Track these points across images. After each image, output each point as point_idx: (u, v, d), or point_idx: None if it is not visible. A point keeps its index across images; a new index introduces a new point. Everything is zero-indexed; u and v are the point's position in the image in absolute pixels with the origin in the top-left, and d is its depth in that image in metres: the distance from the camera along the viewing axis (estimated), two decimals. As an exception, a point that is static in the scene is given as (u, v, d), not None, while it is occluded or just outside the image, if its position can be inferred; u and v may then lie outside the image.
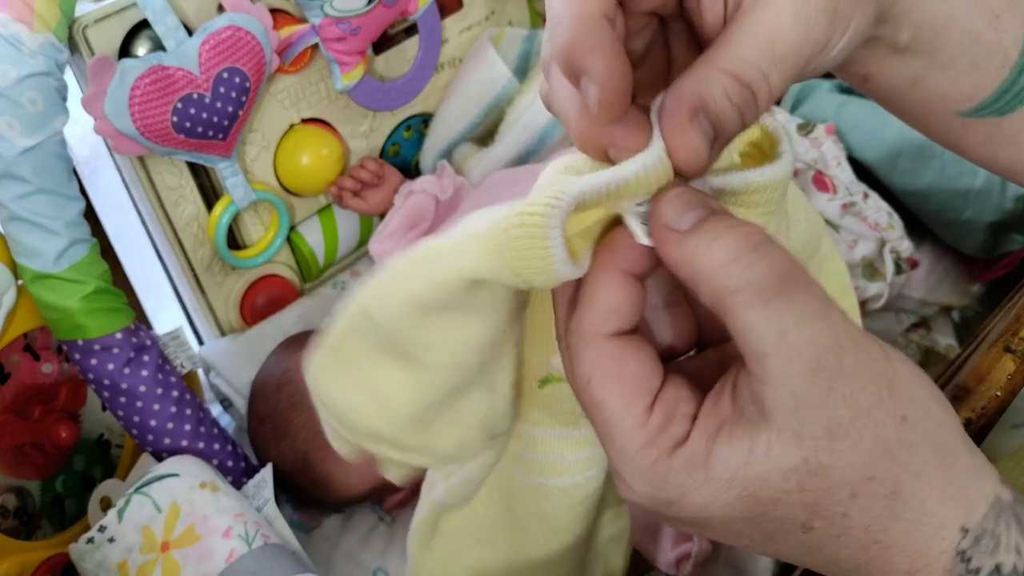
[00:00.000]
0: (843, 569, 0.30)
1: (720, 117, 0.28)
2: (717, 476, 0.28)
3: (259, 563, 0.62)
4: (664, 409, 0.29)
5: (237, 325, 0.88)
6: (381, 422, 0.34)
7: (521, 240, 0.27)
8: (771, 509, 0.28)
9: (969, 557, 0.28)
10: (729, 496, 0.28)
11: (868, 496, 0.28)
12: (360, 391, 0.34)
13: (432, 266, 0.30)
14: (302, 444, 0.75)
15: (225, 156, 0.75)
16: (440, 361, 0.32)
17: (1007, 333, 0.50)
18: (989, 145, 0.36)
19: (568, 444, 0.39)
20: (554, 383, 0.37)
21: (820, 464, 0.27)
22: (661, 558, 0.69)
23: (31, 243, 0.63)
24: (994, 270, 0.91)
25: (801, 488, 0.28)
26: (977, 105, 0.35)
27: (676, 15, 0.33)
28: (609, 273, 0.29)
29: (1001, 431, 0.48)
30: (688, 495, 0.28)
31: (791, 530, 0.29)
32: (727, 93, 0.28)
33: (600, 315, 0.29)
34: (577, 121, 0.29)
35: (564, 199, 0.27)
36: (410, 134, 0.93)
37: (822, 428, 0.27)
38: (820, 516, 0.28)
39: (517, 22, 0.98)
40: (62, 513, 0.75)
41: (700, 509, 0.29)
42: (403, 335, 0.32)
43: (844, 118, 0.93)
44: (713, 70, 0.28)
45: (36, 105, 0.62)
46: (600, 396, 0.29)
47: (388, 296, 0.31)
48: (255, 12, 0.70)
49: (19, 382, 0.71)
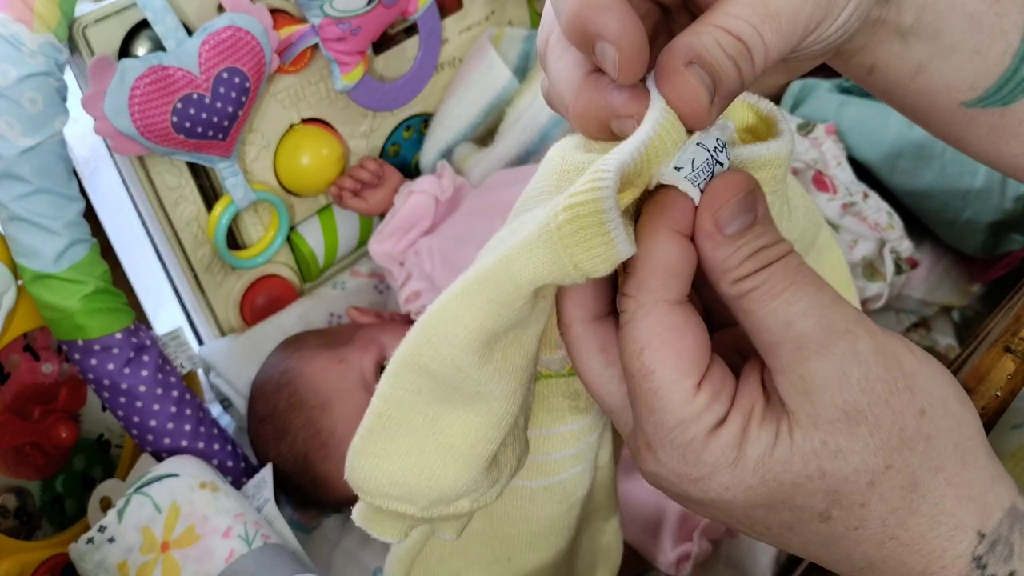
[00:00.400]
0: (855, 568, 0.30)
1: (716, 67, 0.28)
2: (746, 458, 0.28)
3: (259, 563, 0.62)
4: (711, 388, 0.29)
5: (237, 325, 0.88)
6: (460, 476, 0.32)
7: (578, 232, 0.27)
8: (791, 495, 0.29)
9: (985, 563, 0.28)
10: (753, 479, 0.28)
11: (886, 486, 0.28)
12: (423, 454, 0.32)
13: (489, 290, 0.28)
14: (302, 444, 0.75)
15: (225, 156, 0.75)
16: (508, 388, 0.31)
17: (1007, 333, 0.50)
18: (992, 138, 0.36)
19: (554, 441, 0.39)
20: (541, 380, 0.37)
21: (839, 447, 0.28)
22: (661, 558, 0.69)
23: (31, 243, 0.63)
24: (994, 270, 0.91)
25: (821, 472, 0.28)
26: (980, 95, 0.35)
27: (681, 8, 0.33)
28: (665, 235, 0.29)
29: (1001, 431, 0.48)
30: (717, 474, 0.29)
31: (810, 520, 0.29)
32: (719, 43, 0.28)
33: (661, 279, 0.29)
34: (576, 99, 0.29)
35: (608, 176, 0.26)
36: (410, 134, 0.93)
37: (838, 410, 0.27)
38: (839, 505, 0.28)
39: (517, 22, 0.98)
40: (62, 513, 0.75)
41: (724, 490, 0.29)
42: (469, 375, 0.30)
43: (844, 118, 0.93)
44: (704, 24, 0.28)
45: (36, 105, 0.62)
46: (652, 365, 0.29)
47: (444, 342, 0.29)
48: (255, 12, 0.70)
49: (19, 382, 0.71)
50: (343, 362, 0.76)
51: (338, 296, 0.93)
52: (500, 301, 0.28)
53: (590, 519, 0.47)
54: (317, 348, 0.79)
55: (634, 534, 0.71)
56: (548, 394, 0.37)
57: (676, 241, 0.29)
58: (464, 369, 0.30)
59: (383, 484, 0.32)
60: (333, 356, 0.77)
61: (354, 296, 0.94)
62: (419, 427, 0.31)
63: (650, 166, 0.28)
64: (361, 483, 0.33)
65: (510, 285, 0.28)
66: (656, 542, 0.69)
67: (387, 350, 0.76)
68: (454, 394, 0.31)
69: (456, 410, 0.31)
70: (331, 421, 0.73)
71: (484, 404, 0.31)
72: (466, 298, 0.29)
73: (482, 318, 0.29)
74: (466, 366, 0.30)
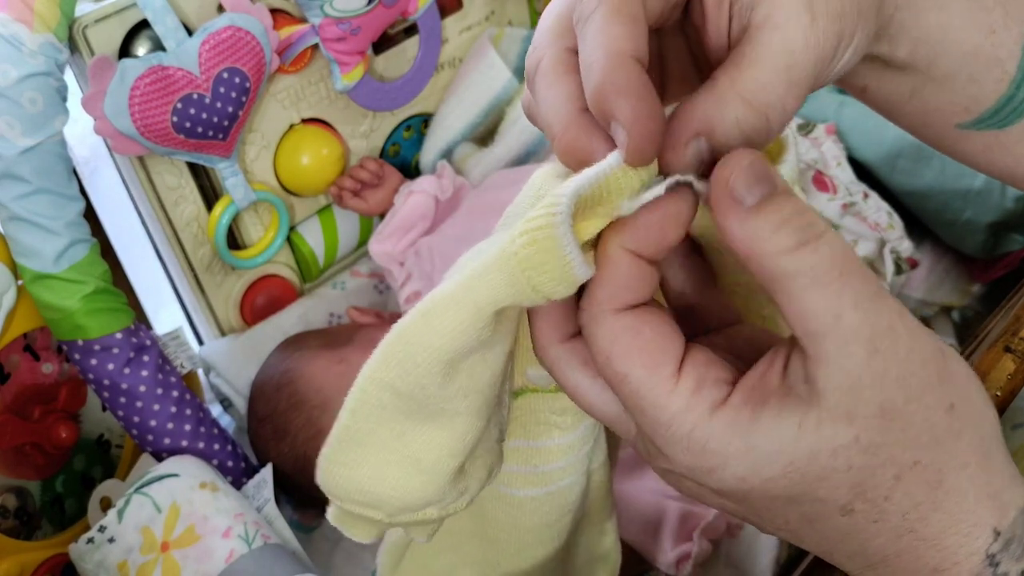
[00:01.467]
0: (869, 563, 0.30)
1: (723, 144, 0.28)
2: (760, 448, 0.28)
3: (259, 563, 0.62)
4: (694, 373, 0.29)
5: (237, 325, 0.88)
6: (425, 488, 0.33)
7: (535, 256, 0.27)
8: (815, 488, 0.28)
9: (998, 561, 0.28)
10: (772, 471, 0.28)
11: (912, 481, 0.28)
12: (389, 466, 0.32)
13: (451, 314, 0.29)
14: (302, 444, 0.75)
15: (225, 156, 0.75)
16: (473, 405, 0.32)
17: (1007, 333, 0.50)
18: (987, 154, 0.36)
19: (543, 455, 0.39)
20: (528, 394, 0.37)
21: (872, 443, 0.27)
22: (661, 558, 0.69)
23: (31, 243, 0.63)
24: (994, 270, 0.91)
25: (849, 466, 0.27)
26: (975, 118, 0.35)
27: (675, 31, 0.33)
28: (614, 251, 0.29)
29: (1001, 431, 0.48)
30: (729, 464, 0.28)
31: (831, 514, 0.29)
32: (738, 122, 0.28)
33: (607, 291, 0.29)
34: (564, 133, 0.29)
35: (563, 200, 0.27)
36: (410, 134, 0.93)
37: (876, 407, 0.27)
38: (863, 497, 0.28)
39: (517, 22, 0.98)
40: (62, 513, 0.75)
41: (741, 481, 0.28)
42: (432, 393, 0.30)
43: (844, 118, 0.93)
44: (729, 91, 0.28)
45: (36, 105, 0.62)
46: (622, 369, 0.29)
47: (409, 361, 0.30)
48: (255, 12, 0.70)
49: (19, 382, 0.71)
50: (343, 362, 0.76)
51: (338, 296, 0.93)
52: (463, 322, 0.29)
53: (586, 524, 0.47)
54: (317, 348, 0.79)
55: (634, 534, 0.71)
56: (535, 408, 0.37)
57: (624, 256, 0.29)
58: (428, 387, 0.30)
59: (351, 491, 0.33)
60: (333, 356, 0.77)
61: (354, 296, 0.94)
62: (385, 440, 0.32)
63: (611, 197, 0.28)
64: (331, 489, 0.33)
65: (472, 307, 0.29)
66: (656, 542, 0.69)
67: (387, 350, 0.76)
68: (419, 410, 0.31)
69: (421, 425, 0.32)
70: (331, 421, 0.72)
71: (449, 420, 0.32)
72: (430, 319, 0.29)
73: (446, 339, 0.29)
74: (430, 385, 0.30)
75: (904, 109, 0.36)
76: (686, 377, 0.28)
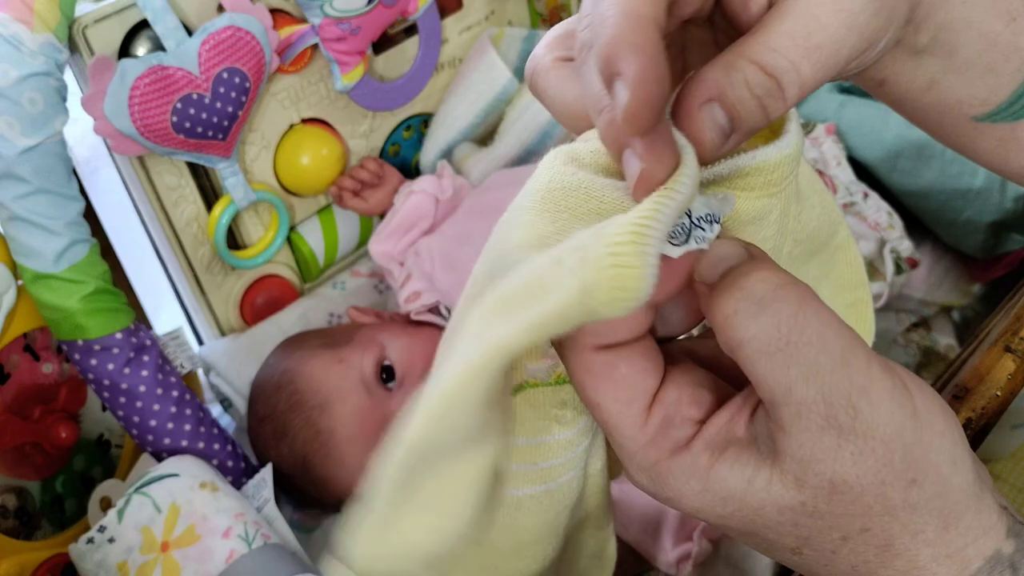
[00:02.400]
0: None
1: (736, 108, 0.27)
2: (713, 492, 0.29)
3: (259, 563, 0.62)
4: (663, 412, 0.29)
5: (237, 325, 0.88)
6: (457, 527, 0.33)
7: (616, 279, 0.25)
8: (763, 532, 0.29)
9: None
10: (724, 511, 0.29)
11: (860, 543, 0.28)
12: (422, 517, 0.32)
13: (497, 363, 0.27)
14: (302, 444, 0.75)
15: (225, 156, 0.75)
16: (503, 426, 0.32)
17: (1007, 333, 0.50)
18: (1002, 150, 0.36)
19: (542, 451, 0.39)
20: (528, 389, 0.37)
21: (817, 510, 0.28)
22: (661, 558, 0.69)
23: (31, 243, 0.63)
24: (994, 270, 0.91)
25: (795, 524, 0.28)
26: (992, 110, 0.35)
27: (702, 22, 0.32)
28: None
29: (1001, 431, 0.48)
30: (685, 498, 0.29)
31: (782, 551, 0.30)
32: (747, 82, 0.27)
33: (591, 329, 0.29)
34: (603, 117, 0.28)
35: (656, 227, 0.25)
36: (410, 134, 0.93)
37: (827, 481, 0.27)
38: (810, 547, 0.29)
39: (517, 22, 0.98)
40: (62, 513, 0.75)
41: (696, 511, 0.29)
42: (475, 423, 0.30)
43: (844, 118, 0.93)
44: (738, 57, 0.28)
45: (36, 105, 0.62)
46: (595, 399, 0.30)
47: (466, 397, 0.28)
48: (255, 12, 0.70)
49: (19, 382, 0.71)
50: (343, 362, 0.76)
51: (338, 296, 0.93)
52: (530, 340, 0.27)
53: (583, 528, 0.47)
54: (317, 348, 0.79)
55: (634, 534, 0.71)
56: (535, 402, 0.37)
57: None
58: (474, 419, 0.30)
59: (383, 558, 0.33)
60: (333, 356, 0.77)
61: (354, 296, 0.94)
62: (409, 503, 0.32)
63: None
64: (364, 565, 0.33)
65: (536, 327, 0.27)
66: (656, 542, 0.69)
67: (387, 350, 0.76)
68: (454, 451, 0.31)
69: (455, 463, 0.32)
70: (331, 421, 0.73)
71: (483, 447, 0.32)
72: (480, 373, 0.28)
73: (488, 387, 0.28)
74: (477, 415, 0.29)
75: (921, 101, 0.35)
76: (654, 416, 0.29)
